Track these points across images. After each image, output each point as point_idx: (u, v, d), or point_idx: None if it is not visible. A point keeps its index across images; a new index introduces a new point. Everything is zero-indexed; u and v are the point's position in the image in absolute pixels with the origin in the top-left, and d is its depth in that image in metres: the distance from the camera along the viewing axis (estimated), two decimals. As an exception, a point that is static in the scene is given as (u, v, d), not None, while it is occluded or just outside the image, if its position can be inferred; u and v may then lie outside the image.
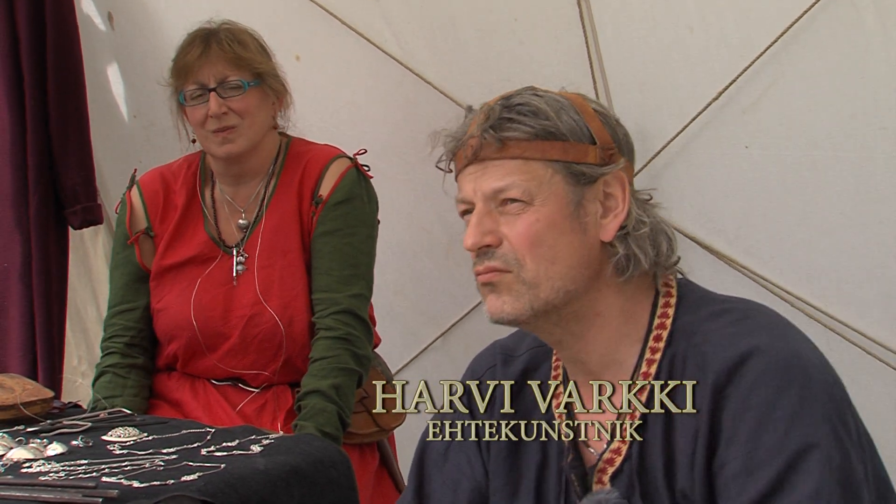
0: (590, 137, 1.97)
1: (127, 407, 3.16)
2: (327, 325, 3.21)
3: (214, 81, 3.23)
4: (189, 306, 3.28)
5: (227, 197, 3.36)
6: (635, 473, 1.95)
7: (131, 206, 3.39)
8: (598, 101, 2.04)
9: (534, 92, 1.99)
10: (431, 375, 4.04)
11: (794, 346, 1.90)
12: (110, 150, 4.50)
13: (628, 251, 1.96)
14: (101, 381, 3.30)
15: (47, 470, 2.43)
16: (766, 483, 1.79)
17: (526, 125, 1.94)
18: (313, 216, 3.29)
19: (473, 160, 1.97)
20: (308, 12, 3.99)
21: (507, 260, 1.95)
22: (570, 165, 1.95)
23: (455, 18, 3.82)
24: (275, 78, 3.33)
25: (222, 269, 3.31)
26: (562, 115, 1.96)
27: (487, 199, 1.96)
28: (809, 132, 3.34)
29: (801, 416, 1.81)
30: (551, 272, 1.94)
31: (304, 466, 2.52)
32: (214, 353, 3.28)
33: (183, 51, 3.29)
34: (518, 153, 1.94)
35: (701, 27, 3.42)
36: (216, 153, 3.28)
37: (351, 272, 3.27)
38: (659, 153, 3.58)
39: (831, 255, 3.41)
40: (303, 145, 3.40)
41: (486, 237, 1.96)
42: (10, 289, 3.96)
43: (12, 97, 3.96)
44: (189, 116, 3.30)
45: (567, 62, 3.65)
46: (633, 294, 2.00)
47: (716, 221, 3.57)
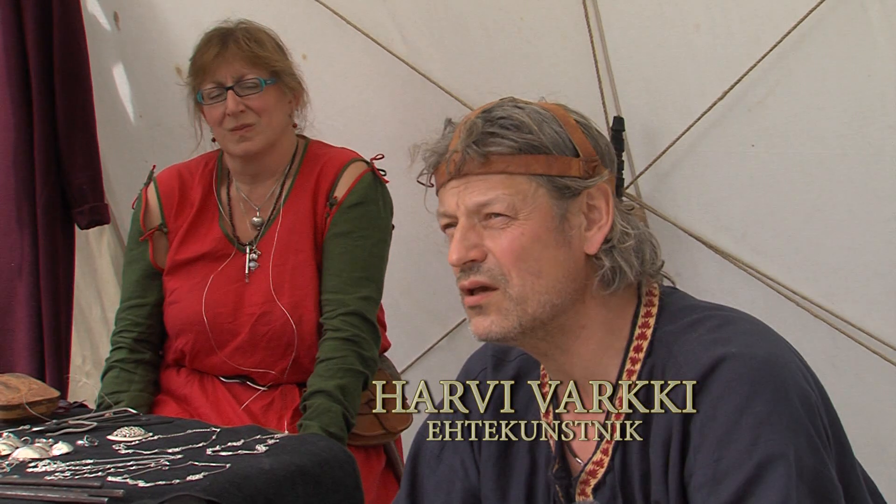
0: (573, 150, 1.94)
1: (133, 402, 3.18)
2: (335, 327, 3.22)
3: (232, 80, 3.25)
4: (200, 302, 3.29)
5: (243, 195, 3.37)
6: (618, 485, 1.94)
7: (147, 202, 3.40)
8: (578, 112, 2.01)
9: (515, 104, 1.97)
10: (437, 375, 4.01)
11: (769, 351, 1.87)
12: (116, 150, 4.50)
13: (614, 264, 1.95)
14: (109, 376, 3.32)
15: (53, 469, 2.43)
16: (731, 493, 1.77)
17: (509, 139, 1.92)
18: (327, 217, 3.30)
19: (456, 175, 1.95)
20: (315, 11, 3.99)
21: (492, 275, 1.93)
22: (554, 179, 1.93)
23: (462, 17, 3.82)
24: (291, 76, 3.35)
25: (235, 266, 3.32)
26: (545, 128, 1.93)
27: (471, 213, 1.94)
28: (816, 130, 3.33)
29: (771, 423, 1.78)
30: (537, 286, 1.92)
31: (309, 466, 2.52)
32: (223, 349, 3.29)
33: (200, 50, 3.31)
34: (502, 168, 1.92)
35: (708, 25, 3.42)
36: (234, 151, 3.29)
37: (361, 274, 3.27)
38: (665, 151, 3.58)
39: (838, 253, 3.40)
40: (321, 147, 3.42)
41: (471, 252, 1.94)
42: (17, 288, 3.96)
43: (19, 97, 3.96)
44: (207, 115, 3.32)
45: (574, 61, 3.64)
46: (616, 305, 1.98)
47: (722, 219, 3.57)
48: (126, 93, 4.50)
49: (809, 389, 1.86)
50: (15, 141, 3.96)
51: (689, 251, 3.62)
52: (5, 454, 2.56)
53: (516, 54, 3.74)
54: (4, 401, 2.87)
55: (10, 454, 2.55)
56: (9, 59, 3.95)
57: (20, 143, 3.95)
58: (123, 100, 4.51)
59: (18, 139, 3.95)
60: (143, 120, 4.50)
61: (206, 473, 2.37)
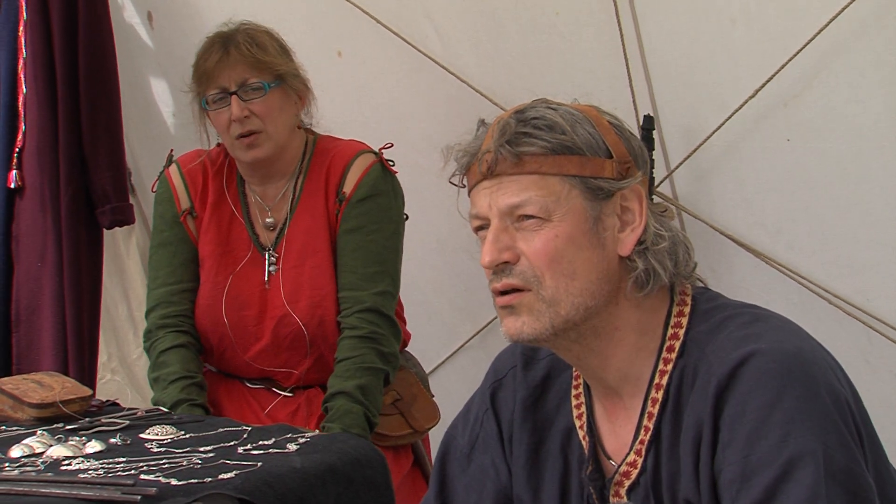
0: (606, 151, 1.93)
1: (201, 384, 3.20)
2: (352, 324, 3.20)
3: (235, 85, 3.21)
4: (221, 304, 3.27)
5: (257, 197, 3.35)
6: (650, 486, 1.93)
7: (173, 185, 3.37)
8: (611, 114, 1.99)
9: (548, 105, 1.95)
10: (468, 373, 4.02)
11: (799, 346, 1.85)
12: (150, 150, 4.52)
13: (648, 266, 1.93)
14: (183, 353, 3.26)
15: (86, 467, 2.44)
16: (760, 491, 1.76)
17: (542, 140, 1.90)
18: (338, 214, 3.27)
19: (489, 175, 1.93)
20: (349, 11, 3.99)
21: (525, 277, 1.91)
22: (588, 180, 1.91)
23: (496, 12, 3.80)
24: (296, 77, 3.30)
25: (254, 268, 3.29)
26: (577, 129, 1.92)
27: (503, 214, 1.92)
28: (853, 124, 3.30)
29: (801, 420, 1.76)
30: (571, 288, 1.90)
31: (340, 465, 2.52)
32: (247, 352, 3.28)
33: (202, 56, 3.27)
34: (535, 168, 1.90)
35: (743, 19, 3.39)
36: (243, 159, 3.26)
37: (376, 269, 3.25)
38: (700, 146, 3.55)
39: (874, 249, 3.37)
40: (329, 142, 3.37)
41: (503, 254, 1.92)
42: (43, 287, 3.99)
43: (45, 97, 3.99)
44: (213, 121, 3.28)
45: (609, 56, 3.62)
46: (649, 307, 1.96)
47: (757, 215, 3.54)
48: (160, 92, 4.52)
49: (840, 386, 1.84)
50: (40, 141, 3.98)
51: (723, 248, 3.60)
52: (39, 452, 2.57)
53: (550, 51, 3.73)
54: (38, 399, 2.89)
55: (44, 452, 2.57)
56: (35, 59, 3.97)
57: (45, 143, 3.98)
58: (157, 99, 4.53)
59: (43, 139, 3.98)
60: (176, 119, 4.52)
61: (238, 472, 2.38)
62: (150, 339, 3.31)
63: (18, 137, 4.00)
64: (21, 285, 4.00)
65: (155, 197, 3.42)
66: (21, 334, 4.00)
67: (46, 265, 3.97)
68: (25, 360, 3.96)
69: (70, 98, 3.98)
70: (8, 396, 2.91)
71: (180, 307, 3.31)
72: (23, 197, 4.01)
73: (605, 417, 2.02)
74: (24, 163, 3.99)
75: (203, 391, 3.24)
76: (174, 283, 3.33)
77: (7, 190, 4.01)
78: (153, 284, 3.36)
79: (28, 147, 3.99)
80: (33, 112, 3.98)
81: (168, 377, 3.21)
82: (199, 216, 3.34)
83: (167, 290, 3.32)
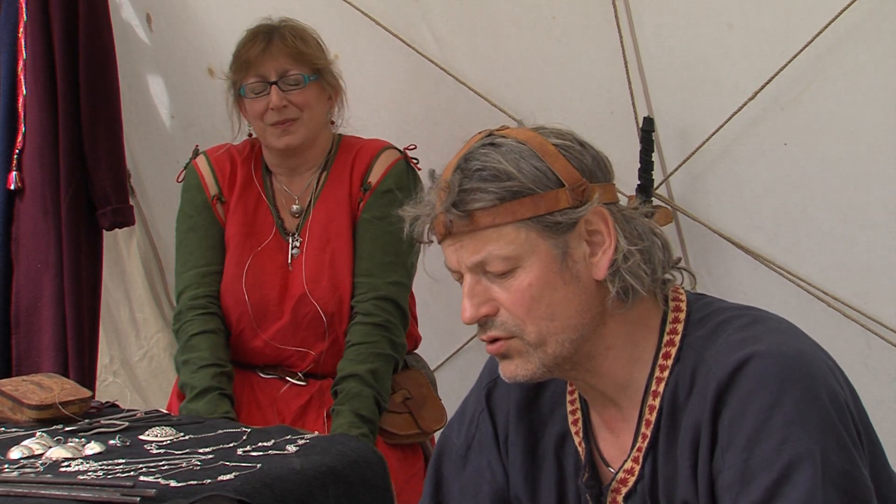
0: (557, 181, 1.88)
1: (230, 373, 3.23)
2: (367, 311, 3.27)
3: (276, 75, 3.32)
4: (241, 284, 3.33)
5: (284, 187, 3.43)
6: (647, 492, 1.93)
7: (200, 173, 3.44)
8: (557, 131, 1.95)
9: (492, 142, 1.92)
10: (468, 373, 4.02)
11: (799, 348, 1.85)
12: (149, 152, 4.52)
13: (624, 284, 1.91)
14: (213, 339, 3.30)
15: (85, 469, 2.45)
16: (759, 494, 1.76)
17: (489, 192, 1.87)
18: (360, 202, 3.36)
19: (447, 236, 1.92)
20: (347, 12, 3.99)
21: (507, 328, 1.91)
22: (544, 218, 1.88)
23: (494, 15, 3.81)
24: (331, 75, 3.43)
25: (277, 250, 3.37)
26: (523, 167, 1.88)
27: (473, 270, 1.91)
28: (851, 128, 3.30)
29: (800, 423, 1.77)
30: (553, 328, 1.90)
31: (339, 467, 2.53)
32: (266, 332, 3.33)
33: (245, 45, 3.37)
34: (488, 222, 1.87)
35: (741, 23, 3.39)
36: (275, 145, 3.35)
37: (392, 259, 3.32)
38: (698, 150, 3.55)
39: (872, 252, 3.36)
40: (353, 139, 3.49)
41: (481, 308, 1.91)
42: (43, 289, 3.99)
43: (45, 98, 3.98)
44: (248, 109, 3.37)
45: (606, 60, 3.62)
46: (638, 317, 1.96)
47: (754, 219, 3.54)
48: (159, 94, 4.52)
49: (839, 388, 1.84)
50: (40, 143, 3.98)
51: (721, 250, 3.60)
52: (39, 453, 2.58)
53: (548, 54, 3.73)
54: (38, 401, 2.89)
55: (44, 454, 2.58)
56: (35, 61, 3.97)
57: (45, 145, 3.97)
58: (156, 101, 4.53)
59: (44, 141, 3.97)
60: (175, 121, 4.52)
61: (238, 473, 2.39)
62: (179, 321, 3.38)
63: (18, 139, 3.99)
64: (21, 287, 4.00)
65: (182, 185, 3.50)
66: (21, 336, 4.00)
67: (46, 267, 3.97)
68: (25, 362, 3.96)
69: (70, 100, 3.98)
70: (7, 398, 2.92)
71: (210, 288, 3.38)
72: (23, 199, 4.01)
73: (603, 425, 2.02)
74: (24, 164, 3.99)
75: (231, 381, 3.29)
76: (204, 266, 3.40)
77: (7, 192, 4.00)
78: (183, 268, 3.44)
79: (28, 149, 3.98)
80: (33, 114, 3.98)
81: (198, 361, 3.26)
82: (227, 201, 3.42)
83: (197, 272, 3.39)
